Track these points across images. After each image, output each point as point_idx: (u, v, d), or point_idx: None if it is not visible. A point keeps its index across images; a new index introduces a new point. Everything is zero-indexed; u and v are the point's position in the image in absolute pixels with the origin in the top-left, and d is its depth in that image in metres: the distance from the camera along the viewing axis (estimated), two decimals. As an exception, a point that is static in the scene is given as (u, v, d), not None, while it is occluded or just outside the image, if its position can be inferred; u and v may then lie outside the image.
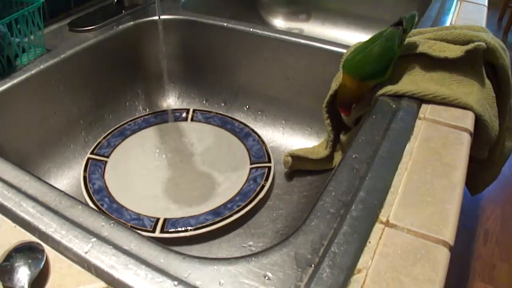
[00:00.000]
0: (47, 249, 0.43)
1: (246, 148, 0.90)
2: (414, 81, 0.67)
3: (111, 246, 0.43)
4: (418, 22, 0.90)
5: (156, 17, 0.97)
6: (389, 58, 0.67)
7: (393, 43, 0.66)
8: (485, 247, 1.67)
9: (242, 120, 0.97)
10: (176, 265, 0.41)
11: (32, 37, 0.81)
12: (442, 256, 0.43)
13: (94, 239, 0.44)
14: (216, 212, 0.75)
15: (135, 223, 0.72)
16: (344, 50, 0.84)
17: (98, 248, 0.43)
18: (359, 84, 0.68)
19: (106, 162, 0.86)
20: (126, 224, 0.72)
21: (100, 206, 0.75)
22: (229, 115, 0.99)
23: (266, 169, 0.84)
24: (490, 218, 1.78)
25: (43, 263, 0.41)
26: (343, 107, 0.73)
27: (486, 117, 0.64)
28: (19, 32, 0.77)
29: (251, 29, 0.94)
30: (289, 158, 0.84)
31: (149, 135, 0.94)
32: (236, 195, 0.79)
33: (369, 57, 0.67)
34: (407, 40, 0.71)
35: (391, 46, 0.67)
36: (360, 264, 0.42)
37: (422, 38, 0.72)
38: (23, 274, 0.40)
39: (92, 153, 0.87)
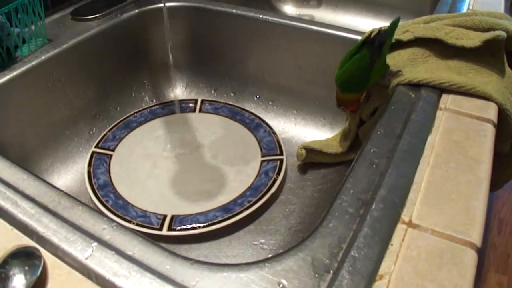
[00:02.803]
0: (45, 254, 0.41)
1: (257, 140, 0.87)
2: (429, 69, 0.65)
3: (113, 252, 0.40)
4: (435, 7, 0.87)
5: (161, 4, 0.95)
6: (365, 73, 0.65)
7: (365, 63, 0.64)
8: (499, 236, 1.64)
9: (252, 111, 0.95)
10: (183, 272, 0.38)
11: (32, 27, 0.78)
12: (470, 259, 0.40)
13: (95, 244, 0.41)
14: (226, 208, 0.73)
15: (142, 221, 0.70)
16: (356, 37, 0.82)
17: (99, 253, 0.40)
18: (342, 95, 0.69)
19: (111, 156, 0.83)
20: (132, 221, 0.69)
21: (105, 203, 0.73)
22: (239, 105, 0.96)
23: (278, 162, 0.81)
24: (504, 207, 1.76)
25: (40, 270, 0.39)
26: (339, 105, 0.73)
27: (508, 107, 0.61)
28: (19, 22, 0.75)
29: (261, 16, 0.91)
30: (303, 151, 0.81)
31: (155, 127, 0.92)
32: (246, 190, 0.76)
33: (345, 72, 0.67)
34: (424, 26, 0.69)
35: (363, 66, 0.65)
36: (382, 270, 0.39)
37: (441, 24, 0.68)
38: (18, 282, 0.37)
39: (96, 146, 0.84)
